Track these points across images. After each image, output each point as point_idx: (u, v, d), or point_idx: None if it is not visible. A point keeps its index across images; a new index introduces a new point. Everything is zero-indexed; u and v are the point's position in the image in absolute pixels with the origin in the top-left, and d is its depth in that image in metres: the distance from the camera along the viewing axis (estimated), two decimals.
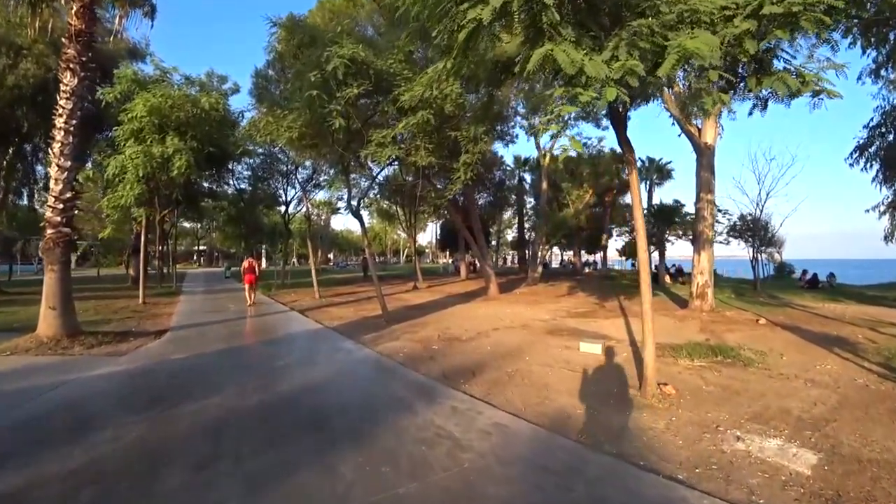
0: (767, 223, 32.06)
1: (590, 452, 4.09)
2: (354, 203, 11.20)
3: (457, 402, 5.27)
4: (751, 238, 30.36)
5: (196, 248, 73.31)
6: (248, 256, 16.88)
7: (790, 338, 9.89)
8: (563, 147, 4.44)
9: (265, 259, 60.98)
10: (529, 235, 38.65)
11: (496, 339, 9.17)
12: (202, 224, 61.32)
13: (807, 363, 7.60)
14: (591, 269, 42.20)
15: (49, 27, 11.40)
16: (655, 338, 10.17)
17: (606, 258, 34.20)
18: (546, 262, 38.28)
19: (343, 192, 12.12)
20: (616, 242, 43.76)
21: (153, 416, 4.67)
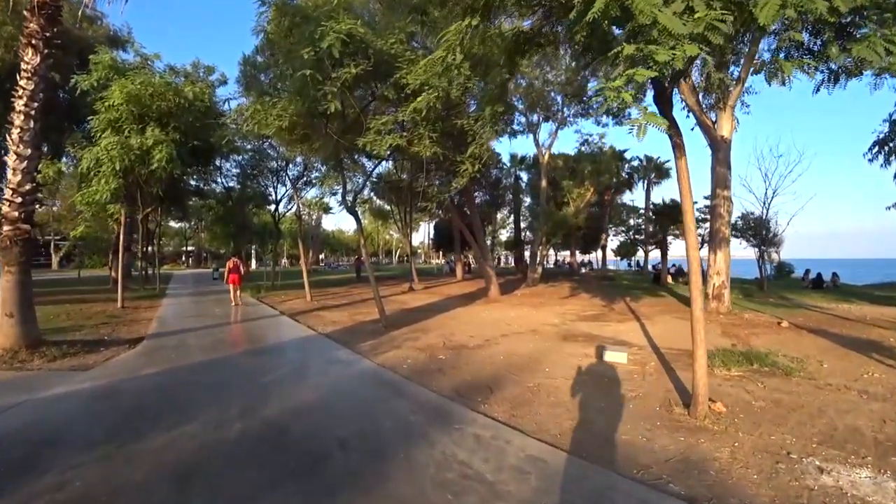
0: (769, 222, 31.71)
1: (656, 495, 3.28)
2: (350, 198, 10.34)
3: (479, 429, 4.43)
4: (753, 237, 29.91)
5: (184, 249, 71.74)
6: (233, 256, 16.77)
7: (821, 342, 9.23)
8: (637, 122, 3.58)
9: (255, 260, 59.69)
10: (524, 235, 37.96)
11: (508, 347, 8.35)
12: (190, 224, 60.14)
13: (850, 371, 6.95)
14: (588, 270, 41.58)
15: (11, 2, 10.38)
16: (674, 342, 9.46)
17: (606, 258, 33.51)
18: (527, 263, 37.53)
19: (336, 189, 11.25)
20: (611, 242, 43.31)
21: (110, 454, 3.77)
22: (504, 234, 52.79)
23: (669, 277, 24.37)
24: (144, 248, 26.62)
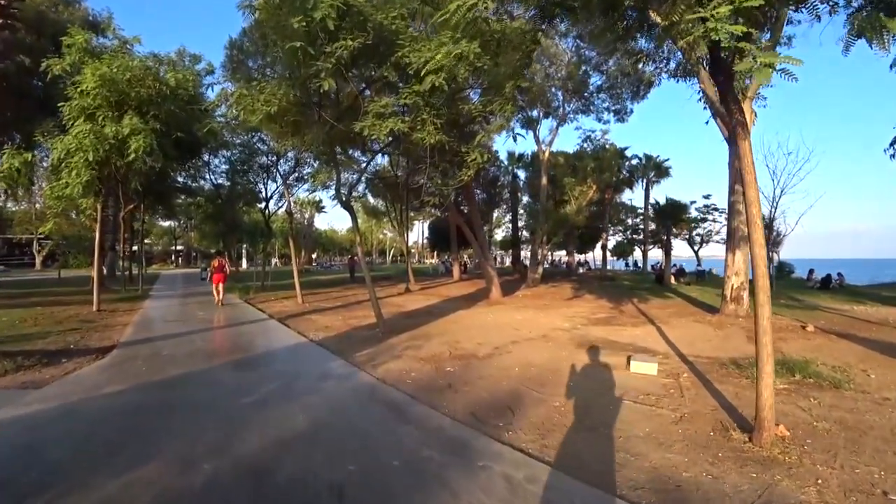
0: (774, 221, 31.20)
1: None
2: (344, 192, 9.47)
3: (508, 467, 3.59)
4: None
5: (173, 248, 70.30)
6: (217, 256, 16.59)
7: (856, 349, 8.55)
8: (766, 62, 2.75)
9: (246, 260, 58.46)
10: (521, 234, 37.22)
11: (521, 357, 7.51)
12: (180, 223, 58.75)
13: None
14: (586, 270, 40.94)
15: None
16: (701, 349, 8.67)
17: (606, 258, 32.82)
18: (524, 263, 36.82)
19: (330, 184, 10.33)
20: (608, 242, 42.64)
21: None
22: (500, 234, 52.08)
23: (673, 278, 23.69)
24: (128, 247, 25.58)
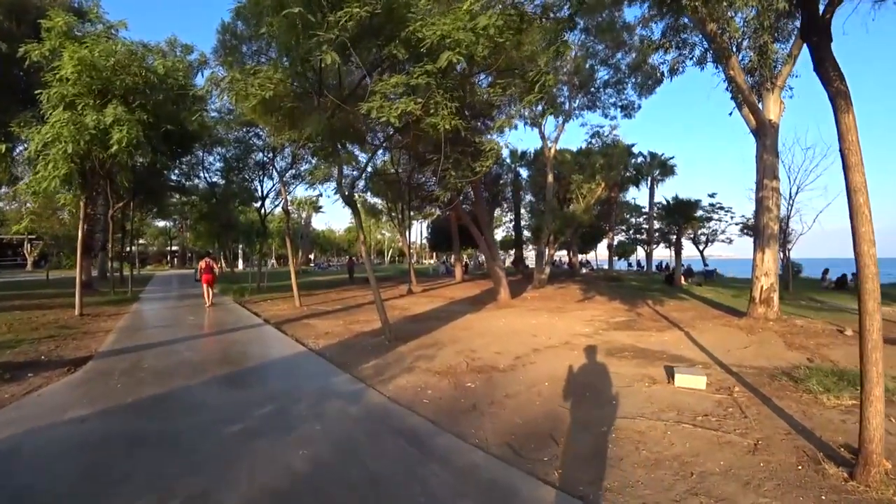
0: (788, 219, 30.47)
1: None
2: (346, 185, 8.63)
3: None
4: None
5: (168, 249, 69.23)
6: (206, 256, 16.30)
7: None
8: None
9: (242, 260, 57.52)
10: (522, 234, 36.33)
11: (547, 369, 6.69)
12: (174, 222, 57.70)
13: None
14: (589, 270, 40.17)
15: None
16: (741, 358, 7.85)
17: (612, 258, 32.04)
18: (526, 263, 36.05)
19: (331, 178, 9.47)
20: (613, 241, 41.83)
21: None
22: (500, 234, 51.24)
23: (683, 279, 22.91)
24: (118, 247, 24.68)
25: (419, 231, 54.94)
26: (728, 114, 12.67)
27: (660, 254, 40.30)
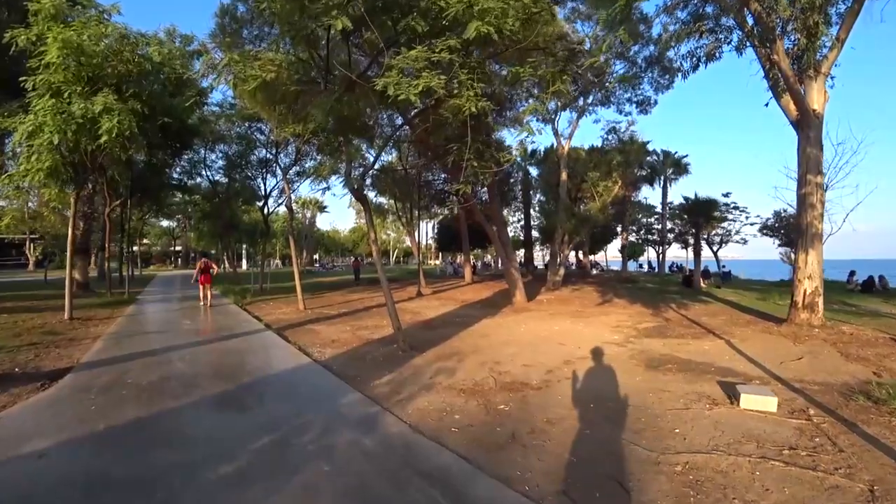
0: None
1: None
2: (357, 178, 7.83)
3: None
4: (786, 236, 27.62)
5: (172, 249, 68.77)
6: (202, 257, 16.22)
7: None
8: None
9: (245, 261, 56.86)
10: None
11: (588, 386, 5.85)
12: (178, 222, 57.13)
13: None
14: (600, 270, 39.28)
15: None
16: (799, 372, 6.95)
17: (626, 259, 31.11)
18: (534, 264, 35.19)
19: (339, 169, 8.64)
20: (619, 242, 40.83)
21: None
22: (508, 233, 50.34)
23: (702, 280, 21.98)
24: (117, 248, 24.01)
25: (425, 231, 54.17)
26: (764, 104, 11.84)
27: (671, 255, 39.37)
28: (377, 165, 19.24)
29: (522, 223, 35.12)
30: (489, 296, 17.58)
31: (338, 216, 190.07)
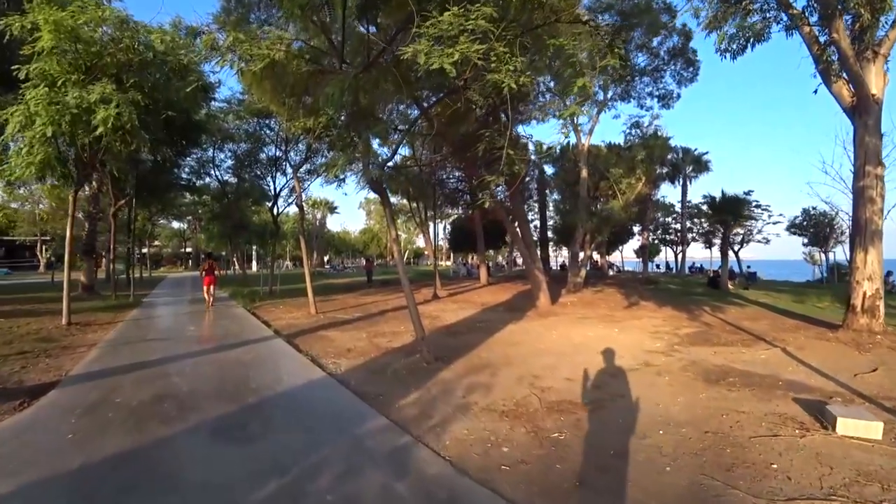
0: (833, 218, 28.31)
1: None
2: (375, 170, 7.07)
3: None
4: (815, 236, 26.49)
5: (182, 250, 68.67)
6: (207, 259, 16.08)
7: None
8: None
9: (255, 262, 56.49)
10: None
11: (647, 406, 4.98)
12: (189, 223, 56.81)
13: None
14: (616, 271, 38.27)
15: None
16: (875, 386, 6.06)
17: (646, 260, 30.07)
18: (550, 266, 34.19)
19: (355, 159, 7.88)
20: (634, 242, 39.74)
21: None
22: None
23: (730, 282, 20.97)
24: (125, 249, 23.48)
25: (436, 232, 53.41)
26: (813, 91, 10.91)
27: (690, 255, 38.28)
28: (393, 161, 18.51)
29: (536, 223, 34.20)
30: (509, 298, 16.73)
31: (348, 217, 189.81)
